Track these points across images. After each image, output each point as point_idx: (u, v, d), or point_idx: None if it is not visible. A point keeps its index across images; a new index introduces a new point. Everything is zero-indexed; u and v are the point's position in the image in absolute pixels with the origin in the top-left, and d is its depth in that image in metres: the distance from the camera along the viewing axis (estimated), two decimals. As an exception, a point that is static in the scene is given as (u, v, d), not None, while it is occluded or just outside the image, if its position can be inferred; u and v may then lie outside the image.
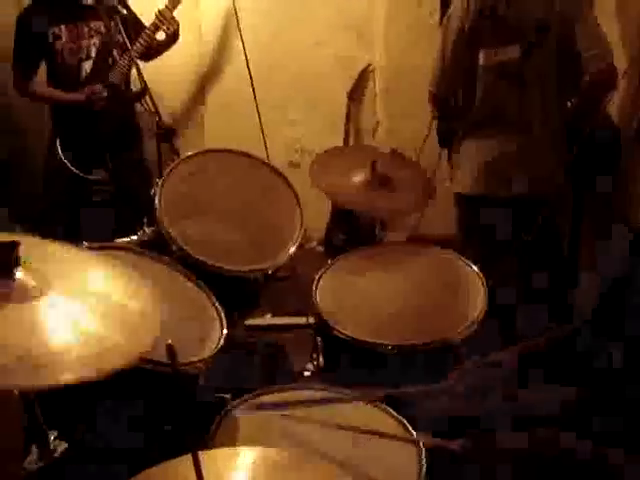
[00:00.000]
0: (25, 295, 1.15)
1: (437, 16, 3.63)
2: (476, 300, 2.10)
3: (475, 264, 2.23)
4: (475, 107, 2.69)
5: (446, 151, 3.00)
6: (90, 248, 1.75)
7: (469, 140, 2.77)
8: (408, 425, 1.58)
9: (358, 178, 2.36)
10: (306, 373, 2.31)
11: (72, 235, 2.90)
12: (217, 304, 1.81)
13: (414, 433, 1.54)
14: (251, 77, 3.50)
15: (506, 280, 2.48)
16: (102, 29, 3.27)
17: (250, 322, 2.65)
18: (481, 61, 2.61)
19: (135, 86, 3.36)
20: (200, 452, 1.12)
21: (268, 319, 3.09)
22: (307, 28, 3.79)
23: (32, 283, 1.18)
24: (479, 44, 2.61)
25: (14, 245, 1.15)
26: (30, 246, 1.22)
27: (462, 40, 2.64)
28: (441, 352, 1.95)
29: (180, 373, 0.94)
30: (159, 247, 1.96)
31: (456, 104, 2.84)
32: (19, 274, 1.16)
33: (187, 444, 1.12)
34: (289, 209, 2.17)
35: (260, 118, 3.53)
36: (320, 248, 3.77)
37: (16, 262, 1.15)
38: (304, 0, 3.76)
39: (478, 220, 2.72)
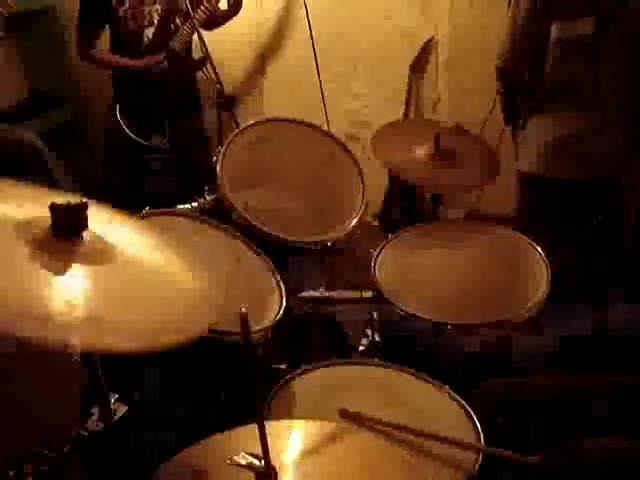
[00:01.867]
0: (90, 258, 1.14)
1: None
2: (539, 282, 2.04)
3: (538, 245, 2.17)
4: (544, 82, 2.60)
5: (510, 128, 2.92)
6: (152, 214, 1.75)
7: (536, 117, 2.68)
8: (470, 410, 1.55)
9: (421, 152, 2.31)
10: (361, 348, 2.29)
11: (131, 201, 2.92)
12: (277, 274, 1.79)
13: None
14: (314, 47, 3.44)
15: (567, 265, 2.41)
16: (165, -5, 3.27)
17: (304, 293, 2.63)
18: (554, 34, 2.52)
19: (196, 54, 3.36)
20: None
21: (322, 291, 3.07)
22: (372, -1, 3.72)
23: (98, 245, 1.17)
24: (552, 16, 2.51)
25: (84, 206, 1.14)
26: (96, 212, 1.21)
27: (534, 12, 2.55)
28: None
29: (249, 342, 0.92)
30: (220, 215, 1.95)
31: (522, 79, 2.75)
32: (86, 236, 1.16)
33: (248, 413, 1.11)
34: (351, 181, 2.14)
35: (322, 89, 3.48)
36: (375, 222, 3.72)
37: (84, 223, 1.15)
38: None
39: (543, 200, 2.64)
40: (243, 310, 0.88)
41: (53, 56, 4.01)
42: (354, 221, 2.07)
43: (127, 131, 3.31)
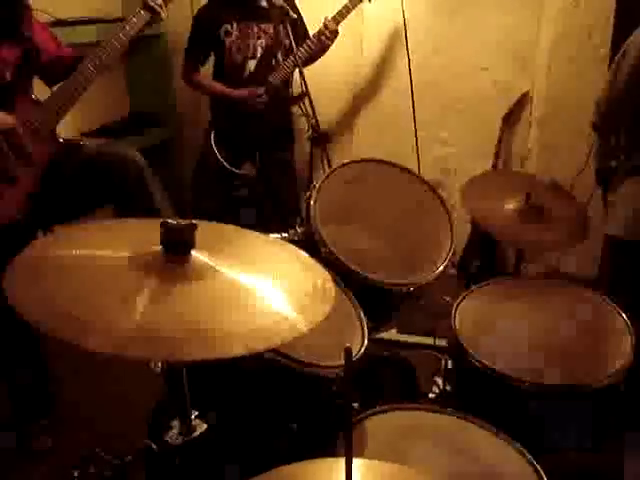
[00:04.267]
0: (199, 274, 1.20)
1: (606, 49, 3.49)
2: (622, 349, 1.99)
3: (622, 310, 2.13)
4: (641, 149, 2.56)
5: (601, 190, 2.88)
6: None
7: (630, 181, 2.64)
8: (535, 463, 1.52)
9: (510, 205, 2.31)
10: (431, 395, 2.27)
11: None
12: (362, 314, 1.81)
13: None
14: (412, 95, 3.48)
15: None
16: (271, 31, 3.39)
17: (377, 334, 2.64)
18: None
19: (293, 89, 3.46)
20: (326, 458, 1.12)
21: (394, 334, 3.07)
22: (470, 49, 3.76)
23: (207, 262, 1.23)
24: None
25: (193, 227, 1.20)
26: (205, 228, 1.27)
27: (637, 75, 2.53)
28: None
29: (349, 377, 0.93)
30: (308, 248, 1.99)
31: (618, 143, 2.72)
32: (195, 254, 1.21)
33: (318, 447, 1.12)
34: (440, 228, 2.15)
35: (416, 134, 3.51)
36: (452, 271, 3.71)
37: (193, 243, 1.21)
38: (470, 21, 3.72)
39: (629, 266, 2.59)
40: (348, 345, 0.90)
41: (156, 78, 4.20)
42: (440, 268, 2.08)
43: (219, 157, 3.40)
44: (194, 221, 1.22)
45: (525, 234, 2.28)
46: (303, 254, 1.42)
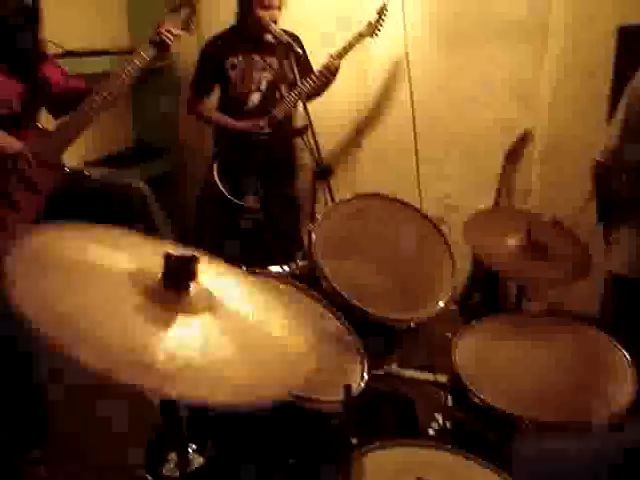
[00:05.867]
0: (196, 308, 1.19)
1: (607, 87, 3.53)
2: (625, 386, 1.98)
3: (624, 348, 2.12)
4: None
5: (602, 226, 2.88)
6: (248, 273, 1.80)
7: (631, 219, 2.65)
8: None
9: (513, 242, 2.32)
10: (430, 431, 2.26)
11: (218, 257, 3.00)
12: (362, 349, 1.80)
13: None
14: (415, 128, 3.51)
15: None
16: (275, 65, 3.43)
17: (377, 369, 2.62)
18: None
19: (296, 122, 3.48)
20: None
21: (394, 369, 3.05)
22: (472, 86, 3.78)
23: (203, 297, 1.22)
24: None
25: (194, 259, 1.20)
26: (205, 264, 1.27)
27: (628, 135, 2.53)
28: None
29: (347, 413, 0.93)
30: (309, 281, 1.99)
31: (619, 194, 2.70)
32: (192, 288, 1.21)
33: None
34: (442, 263, 2.15)
35: (418, 170, 3.53)
36: (453, 306, 3.70)
37: (193, 276, 1.21)
38: (473, 58, 3.75)
39: (631, 303, 2.58)
40: (347, 383, 0.90)
41: (161, 110, 4.24)
42: (441, 303, 2.08)
43: (222, 188, 3.42)
44: (195, 253, 1.22)
45: (527, 270, 2.28)
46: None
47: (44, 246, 1.21)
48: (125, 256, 1.26)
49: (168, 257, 1.19)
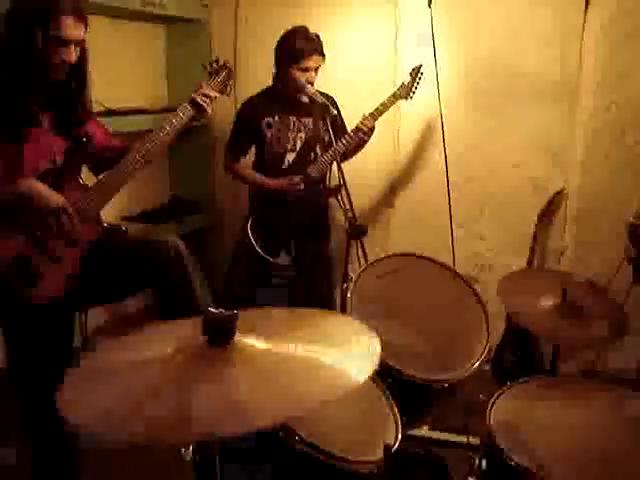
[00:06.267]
0: (240, 357, 1.22)
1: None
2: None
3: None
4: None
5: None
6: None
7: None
8: None
9: (547, 302, 2.30)
10: (463, 495, 2.21)
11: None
12: (396, 409, 1.79)
13: None
14: (448, 188, 3.52)
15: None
16: (311, 125, 3.50)
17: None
18: None
19: (330, 181, 3.52)
20: None
21: (426, 431, 3.00)
22: (505, 146, 3.82)
23: (245, 348, 1.25)
24: None
25: (235, 317, 1.22)
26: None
27: None
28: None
29: (384, 475, 0.92)
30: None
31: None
32: (238, 338, 1.24)
33: None
34: (476, 324, 2.14)
35: (452, 229, 3.53)
36: (485, 366, 3.65)
37: (234, 332, 1.23)
38: (506, 119, 3.79)
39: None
40: (388, 442, 0.89)
41: (198, 167, 4.33)
42: (476, 364, 2.06)
43: (255, 245, 3.44)
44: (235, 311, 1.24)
45: (562, 330, 2.25)
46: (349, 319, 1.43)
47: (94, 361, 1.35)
48: (170, 339, 1.31)
49: (207, 315, 1.21)
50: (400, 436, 1.73)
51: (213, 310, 1.21)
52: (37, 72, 2.12)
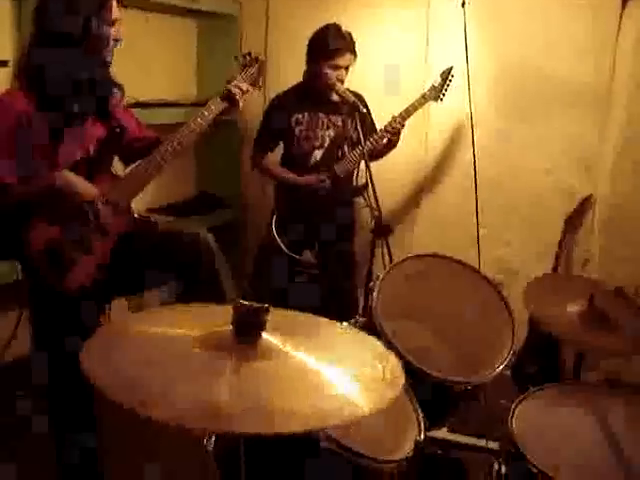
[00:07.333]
0: (267, 354, 1.22)
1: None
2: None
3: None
4: None
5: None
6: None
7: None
8: None
9: (574, 309, 2.28)
10: (481, 498, 2.20)
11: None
12: (419, 409, 1.79)
13: None
14: (476, 191, 3.50)
15: None
16: (339, 123, 3.50)
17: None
18: None
19: (358, 180, 3.52)
20: None
21: (446, 433, 2.99)
22: (535, 153, 3.79)
23: (275, 343, 1.25)
24: None
25: (266, 310, 1.22)
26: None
27: None
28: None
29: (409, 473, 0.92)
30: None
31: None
32: (265, 335, 1.24)
33: None
34: (502, 328, 2.13)
35: (478, 232, 3.52)
36: (507, 371, 3.63)
37: (264, 326, 1.23)
38: (535, 126, 3.77)
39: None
40: (418, 438, 0.89)
41: (225, 162, 4.35)
42: (500, 368, 2.05)
43: (280, 242, 3.45)
44: (266, 305, 1.24)
45: (588, 338, 2.23)
46: (373, 340, 1.42)
47: (120, 328, 1.36)
48: (197, 323, 1.32)
49: (238, 307, 1.21)
50: (423, 436, 1.73)
51: (244, 302, 1.22)
52: (95, 58, 2.16)
